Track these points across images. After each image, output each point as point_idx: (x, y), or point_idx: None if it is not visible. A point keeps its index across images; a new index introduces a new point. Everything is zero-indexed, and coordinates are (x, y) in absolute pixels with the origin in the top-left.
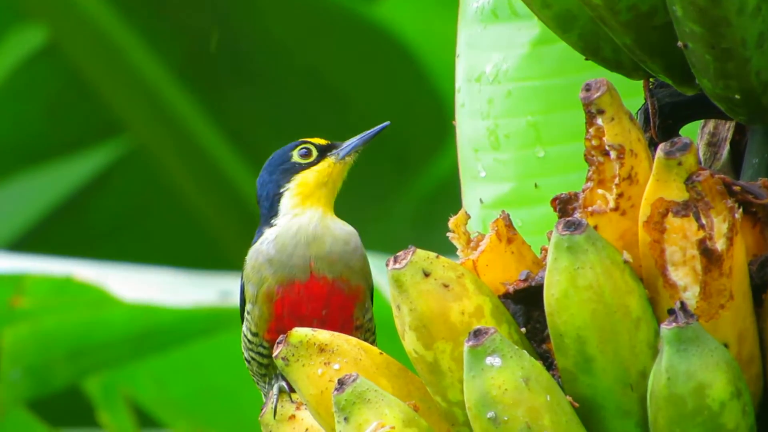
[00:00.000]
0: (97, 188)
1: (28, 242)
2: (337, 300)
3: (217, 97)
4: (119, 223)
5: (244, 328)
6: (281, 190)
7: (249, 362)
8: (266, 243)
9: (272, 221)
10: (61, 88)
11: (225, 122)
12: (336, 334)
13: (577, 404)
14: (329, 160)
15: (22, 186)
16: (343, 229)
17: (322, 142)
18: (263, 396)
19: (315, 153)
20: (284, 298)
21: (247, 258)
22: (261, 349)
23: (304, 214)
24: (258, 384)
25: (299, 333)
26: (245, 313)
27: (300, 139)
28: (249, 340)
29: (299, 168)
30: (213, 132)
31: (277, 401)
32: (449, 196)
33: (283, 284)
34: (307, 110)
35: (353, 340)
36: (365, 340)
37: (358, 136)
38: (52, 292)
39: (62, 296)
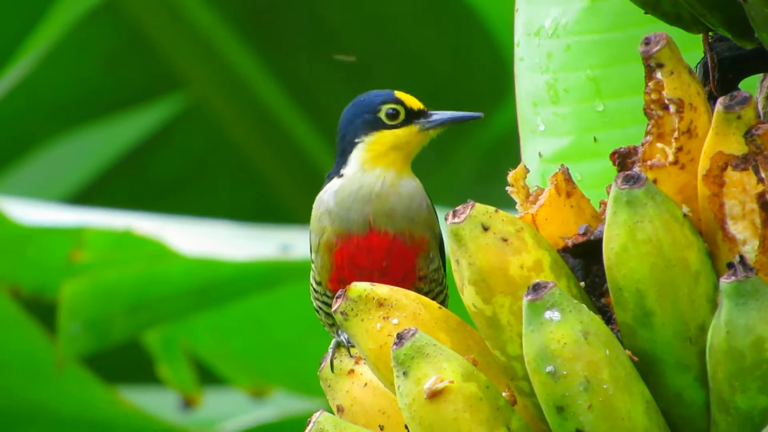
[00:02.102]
0: (156, 143)
1: (87, 196)
2: (398, 252)
3: (277, 51)
4: (178, 177)
5: (311, 277)
6: (356, 141)
7: (318, 311)
8: (328, 194)
9: (341, 170)
10: (120, 44)
11: (285, 76)
12: (395, 288)
13: (636, 358)
14: (413, 128)
15: (82, 141)
16: (408, 186)
17: (413, 104)
18: (333, 336)
19: (402, 116)
20: (343, 249)
21: (313, 205)
22: (325, 298)
23: (372, 171)
24: (330, 333)
25: (358, 287)
26: (312, 261)
27: (393, 94)
28: (315, 289)
29: (381, 125)
30: (273, 86)
31: (333, 355)
32: (508, 151)
33: (341, 236)
34: (367, 64)
35: (412, 294)
36: (430, 291)
37: (450, 114)
38: (111, 245)
39: (121, 250)
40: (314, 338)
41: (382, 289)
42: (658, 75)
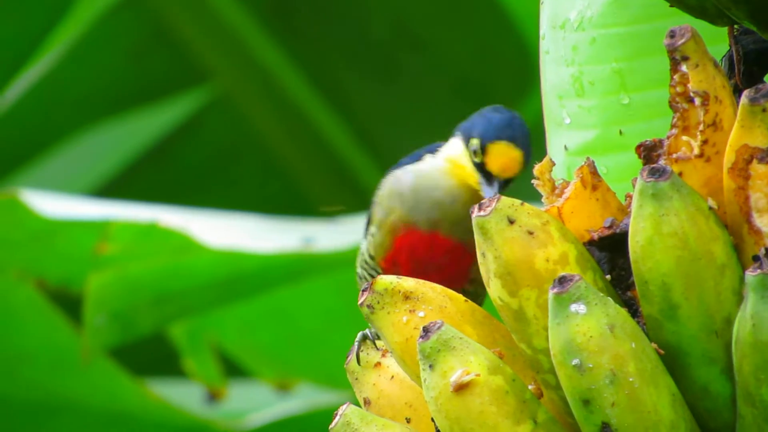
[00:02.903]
0: (182, 136)
1: (113, 190)
2: (457, 254)
3: (303, 44)
4: (204, 170)
5: (363, 246)
6: (453, 138)
7: (361, 279)
8: (407, 174)
9: (427, 157)
10: (146, 36)
11: (311, 69)
12: (421, 281)
13: (662, 351)
14: (477, 181)
15: (108, 134)
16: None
17: (499, 171)
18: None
19: (479, 159)
20: (406, 236)
21: (386, 179)
22: (373, 272)
23: (449, 180)
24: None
25: (384, 280)
26: (368, 233)
27: (499, 142)
28: (365, 259)
29: (466, 151)
30: (299, 79)
31: (360, 348)
32: (534, 144)
33: (407, 224)
34: (391, 56)
35: (438, 287)
36: (478, 295)
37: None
38: (137, 238)
39: (147, 243)
40: (340, 331)
41: (408, 282)
42: (684, 68)
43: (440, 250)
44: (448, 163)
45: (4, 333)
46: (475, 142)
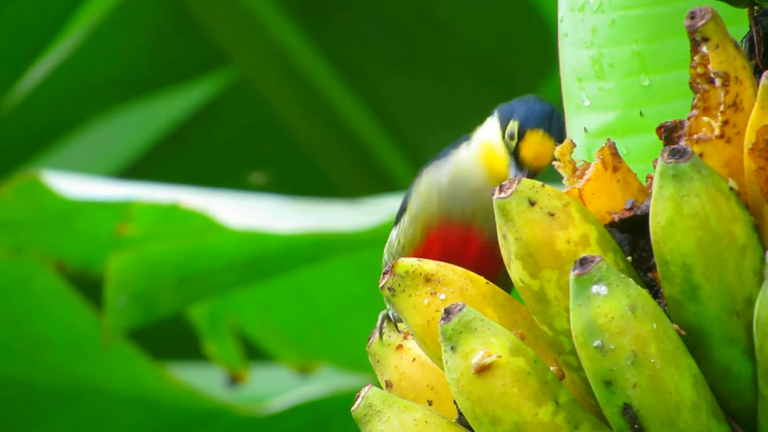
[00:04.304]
0: (203, 118)
1: (134, 173)
2: (486, 255)
3: (323, 26)
4: (225, 153)
5: (393, 234)
6: (488, 131)
7: (385, 263)
8: (446, 164)
9: (466, 145)
10: (167, 20)
11: (330, 51)
12: (442, 264)
13: (683, 332)
14: (509, 171)
15: (129, 117)
16: None
17: (533, 161)
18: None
19: (514, 146)
20: (440, 232)
21: (426, 169)
22: (398, 257)
23: (483, 169)
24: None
25: (405, 263)
26: (401, 222)
27: (538, 131)
28: (394, 246)
29: (506, 143)
30: (319, 61)
31: (381, 324)
32: None
33: (443, 218)
34: (413, 39)
35: (459, 269)
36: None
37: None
38: (158, 219)
39: (168, 224)
40: (361, 314)
41: (429, 265)
42: (704, 49)
43: (472, 250)
44: (480, 147)
45: (24, 318)
46: (513, 125)
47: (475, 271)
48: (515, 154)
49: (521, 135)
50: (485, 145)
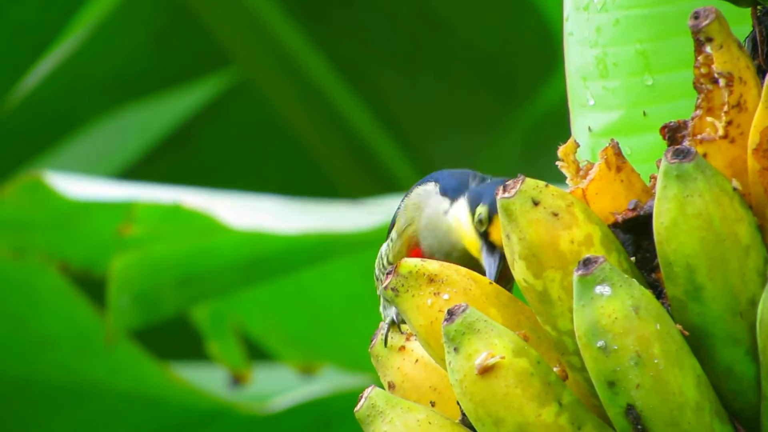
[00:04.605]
0: (205, 119)
1: (136, 173)
2: None
3: (324, 26)
4: (227, 153)
5: (383, 249)
6: (467, 195)
7: (378, 281)
8: (428, 208)
9: (449, 201)
10: (169, 20)
11: (331, 51)
12: (445, 264)
13: (687, 333)
14: (478, 245)
15: (132, 117)
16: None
17: (496, 239)
18: (382, 314)
19: (484, 228)
20: (420, 252)
21: (416, 188)
22: None
23: (457, 241)
24: (382, 305)
25: (408, 263)
26: (389, 237)
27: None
28: (384, 264)
29: (473, 222)
30: (321, 62)
31: (387, 332)
32: (558, 125)
33: (420, 244)
34: (415, 40)
35: (462, 270)
36: None
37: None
38: (160, 220)
39: (171, 224)
40: (363, 314)
41: (432, 265)
42: (708, 49)
43: None
44: (456, 223)
45: (28, 316)
46: (481, 211)
47: None
48: (485, 236)
49: (490, 220)
50: (458, 223)
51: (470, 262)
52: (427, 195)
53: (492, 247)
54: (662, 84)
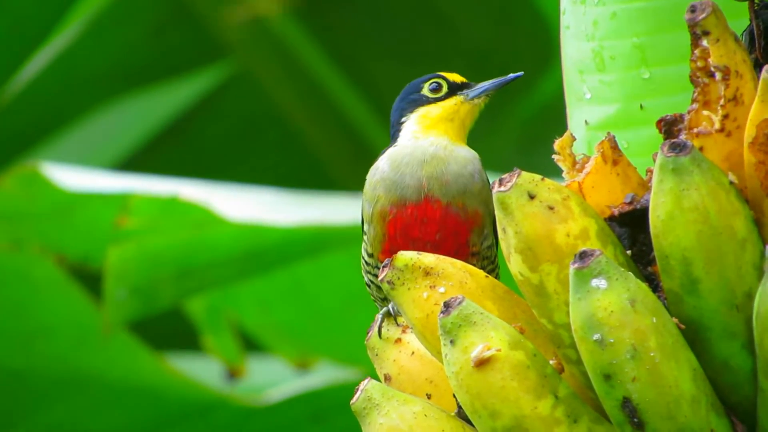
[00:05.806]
0: (203, 111)
1: (133, 164)
2: (451, 224)
3: (323, 19)
4: (224, 145)
5: (362, 250)
6: (403, 120)
7: (369, 286)
8: (383, 161)
9: (394, 143)
10: (166, 12)
11: (331, 44)
12: (441, 257)
13: (683, 326)
14: (457, 99)
15: (129, 109)
16: (462, 153)
17: (456, 79)
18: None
19: (445, 89)
20: (397, 218)
21: (367, 175)
22: (377, 271)
23: (425, 139)
24: (380, 308)
25: (404, 256)
26: (364, 233)
27: (435, 73)
28: (366, 262)
29: (425, 101)
30: (318, 54)
31: (381, 323)
32: (554, 118)
33: (395, 204)
34: (412, 32)
35: (458, 263)
36: (482, 268)
37: (491, 81)
38: (157, 212)
39: (168, 216)
40: (359, 307)
41: (428, 258)
42: (704, 42)
43: (434, 224)
44: (418, 125)
45: (24, 308)
46: (427, 85)
47: (443, 248)
48: (452, 90)
49: (439, 82)
50: (424, 118)
51: (450, 179)
52: (376, 166)
53: (457, 87)
54: (659, 77)
